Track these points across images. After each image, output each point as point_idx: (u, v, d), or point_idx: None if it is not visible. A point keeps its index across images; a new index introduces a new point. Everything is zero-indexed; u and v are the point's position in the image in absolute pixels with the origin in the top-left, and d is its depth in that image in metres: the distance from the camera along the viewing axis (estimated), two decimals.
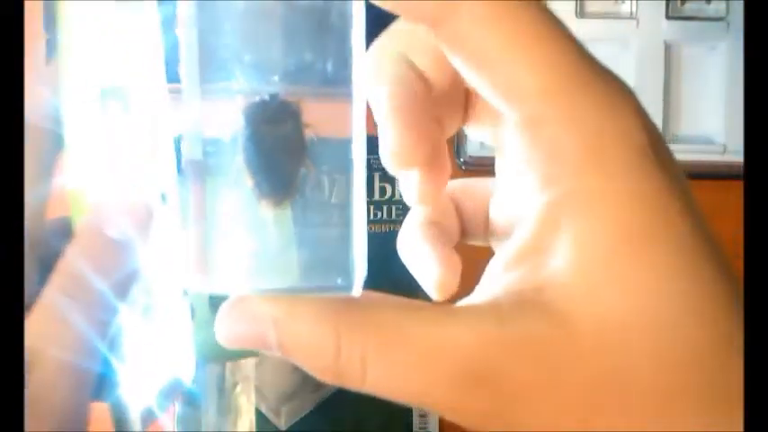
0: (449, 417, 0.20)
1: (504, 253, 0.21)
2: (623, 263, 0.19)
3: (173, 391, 0.35)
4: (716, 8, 0.59)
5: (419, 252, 0.24)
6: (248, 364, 0.55)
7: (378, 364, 0.19)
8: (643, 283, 0.19)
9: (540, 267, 0.20)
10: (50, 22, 0.29)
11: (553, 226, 0.20)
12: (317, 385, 0.57)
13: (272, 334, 0.20)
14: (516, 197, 0.22)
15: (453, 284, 0.24)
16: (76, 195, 0.30)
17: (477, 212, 0.26)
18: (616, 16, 0.59)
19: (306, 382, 0.57)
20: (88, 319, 0.27)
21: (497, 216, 0.24)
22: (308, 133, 0.20)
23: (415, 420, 0.58)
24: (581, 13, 0.59)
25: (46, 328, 0.27)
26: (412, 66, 0.23)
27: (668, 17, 0.59)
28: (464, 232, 0.26)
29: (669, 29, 0.59)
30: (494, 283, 0.21)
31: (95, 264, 0.27)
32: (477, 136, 0.25)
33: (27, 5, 0.25)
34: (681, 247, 0.19)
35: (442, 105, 0.24)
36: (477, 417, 0.20)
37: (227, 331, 0.20)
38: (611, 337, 0.19)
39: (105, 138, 0.29)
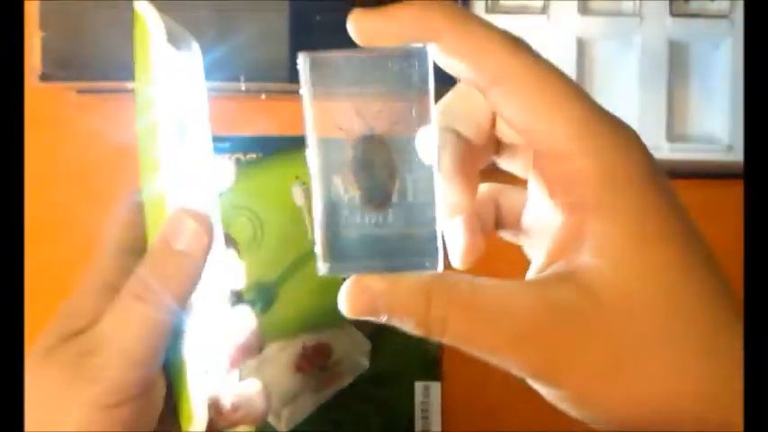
0: (508, 368, 0.26)
1: (544, 251, 0.28)
2: (636, 255, 0.26)
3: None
4: (719, 6, 0.59)
5: (457, 234, 0.32)
6: (248, 367, 0.55)
7: (455, 323, 0.26)
8: (652, 271, 0.26)
9: (574, 260, 0.26)
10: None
11: (582, 232, 0.26)
12: (318, 388, 0.57)
13: (381, 303, 0.26)
14: (548, 210, 0.28)
15: (472, 261, 0.32)
16: (152, 209, 0.33)
17: (511, 213, 0.33)
18: (619, 13, 0.59)
19: (306, 384, 0.57)
20: (154, 319, 0.31)
21: (530, 223, 0.31)
22: (395, 159, 0.27)
23: (417, 423, 0.58)
24: (584, 10, 0.59)
25: (113, 325, 0.31)
26: (457, 134, 0.30)
27: (672, 14, 0.59)
28: (498, 225, 0.34)
29: (673, 26, 0.59)
30: (539, 272, 0.27)
31: (164, 272, 0.32)
32: (508, 167, 0.32)
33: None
34: (679, 245, 0.26)
35: (480, 155, 0.31)
36: (529, 370, 0.26)
37: (349, 304, 0.27)
38: (629, 309, 0.25)
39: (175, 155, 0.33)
